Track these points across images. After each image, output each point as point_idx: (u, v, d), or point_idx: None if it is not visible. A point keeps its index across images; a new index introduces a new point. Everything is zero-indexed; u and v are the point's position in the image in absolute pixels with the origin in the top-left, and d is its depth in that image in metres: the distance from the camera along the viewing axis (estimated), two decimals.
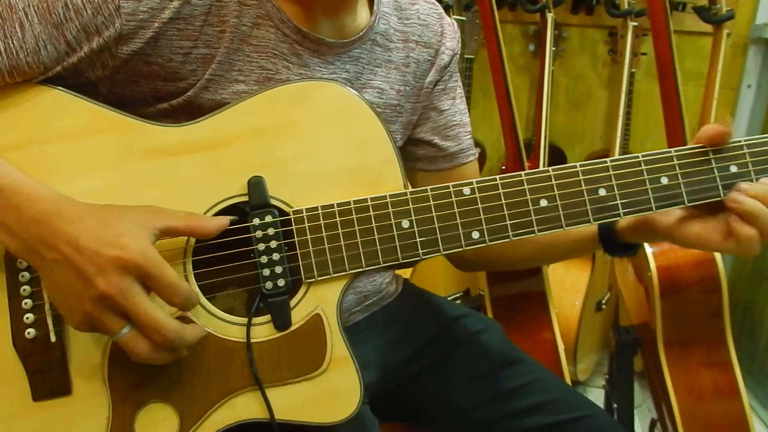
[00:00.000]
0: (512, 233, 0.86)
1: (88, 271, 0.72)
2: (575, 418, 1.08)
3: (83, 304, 0.73)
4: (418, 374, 1.16)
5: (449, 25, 1.11)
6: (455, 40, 1.11)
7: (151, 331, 0.74)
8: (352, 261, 0.86)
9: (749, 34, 2.52)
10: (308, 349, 0.86)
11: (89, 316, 0.74)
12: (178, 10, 0.84)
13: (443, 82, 1.11)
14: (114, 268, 0.72)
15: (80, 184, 0.81)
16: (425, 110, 1.11)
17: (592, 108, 2.75)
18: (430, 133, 1.12)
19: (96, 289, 0.72)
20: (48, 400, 0.83)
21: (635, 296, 2.02)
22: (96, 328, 0.75)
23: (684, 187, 0.86)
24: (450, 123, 1.13)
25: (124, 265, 0.72)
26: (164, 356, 0.77)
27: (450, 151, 1.13)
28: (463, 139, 1.15)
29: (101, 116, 0.84)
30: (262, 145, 0.86)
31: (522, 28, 2.67)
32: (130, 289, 0.73)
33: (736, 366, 1.82)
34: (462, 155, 1.14)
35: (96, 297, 0.72)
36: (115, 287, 0.72)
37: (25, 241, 0.75)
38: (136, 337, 0.75)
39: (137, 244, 0.73)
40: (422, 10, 1.08)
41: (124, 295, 0.72)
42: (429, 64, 1.08)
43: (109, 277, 0.72)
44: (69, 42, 0.81)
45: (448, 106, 1.13)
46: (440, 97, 1.12)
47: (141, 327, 0.74)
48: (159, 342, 0.75)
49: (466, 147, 1.15)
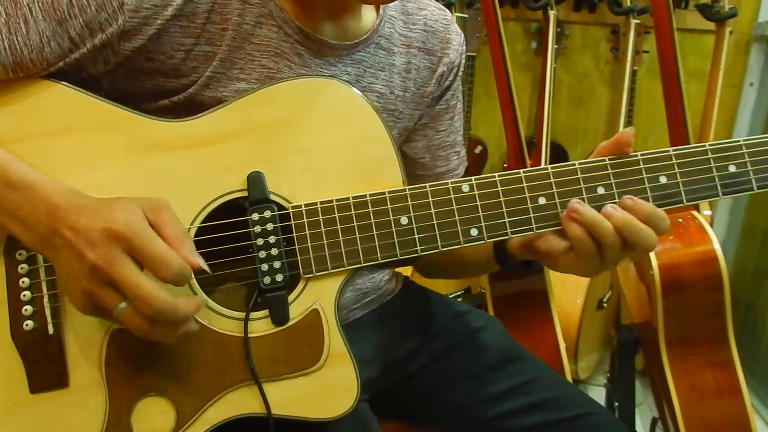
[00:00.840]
0: (510, 230, 0.86)
1: (80, 244, 0.72)
2: (577, 415, 1.08)
3: (80, 280, 0.73)
4: (417, 371, 1.16)
5: (457, 35, 1.11)
6: (458, 53, 1.11)
7: (139, 303, 0.72)
8: (351, 257, 0.86)
9: (752, 32, 2.52)
10: (306, 344, 0.86)
11: (88, 293, 0.73)
12: (181, 7, 0.84)
13: (445, 101, 1.11)
14: (102, 239, 0.71)
15: (81, 177, 0.81)
16: (423, 127, 1.11)
17: (594, 106, 2.75)
18: (423, 151, 1.13)
19: (87, 261, 0.71)
20: (45, 392, 0.83)
21: (637, 294, 2.02)
22: (98, 306, 0.74)
23: (683, 186, 0.86)
24: (443, 144, 1.14)
25: (111, 235, 0.71)
26: (164, 332, 0.76)
27: (437, 171, 1.15)
28: (452, 160, 1.16)
29: (103, 111, 0.84)
30: (261, 141, 0.86)
31: (524, 26, 2.68)
32: (117, 259, 0.71)
33: (737, 365, 1.82)
34: (446, 176, 1.15)
35: (88, 270, 0.72)
36: (103, 257, 0.71)
37: (39, 234, 0.75)
38: (133, 311, 0.73)
39: (125, 217, 0.73)
40: (430, 16, 1.07)
41: (111, 264, 0.71)
42: (429, 72, 1.07)
43: (98, 248, 0.71)
44: (72, 38, 0.82)
45: (445, 127, 1.13)
46: (441, 117, 1.12)
47: (131, 299, 0.72)
48: (149, 315, 0.73)
49: (453, 167, 1.16)
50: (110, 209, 0.74)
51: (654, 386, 1.98)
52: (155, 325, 0.74)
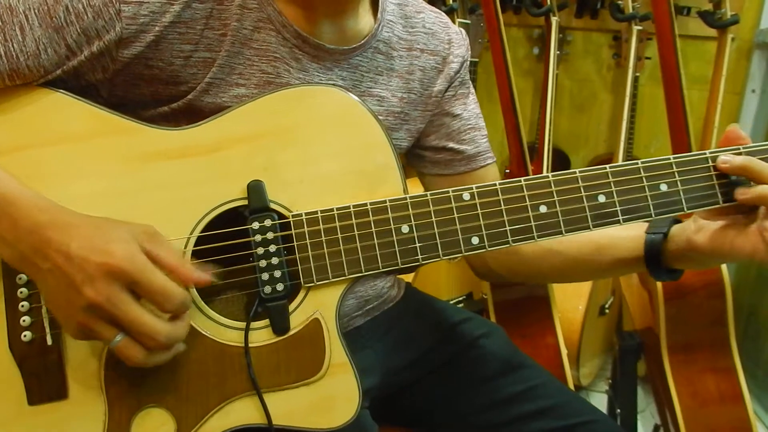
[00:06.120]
0: (512, 239, 0.86)
1: (77, 279, 0.72)
2: (578, 423, 1.08)
3: (76, 313, 0.73)
4: (419, 379, 1.16)
5: (457, 34, 1.11)
6: (464, 47, 1.11)
7: (144, 338, 0.74)
8: (351, 266, 0.86)
9: (754, 39, 2.53)
10: (307, 354, 0.86)
11: (82, 325, 0.74)
12: (179, 13, 0.84)
13: (453, 88, 1.11)
14: (101, 274, 0.71)
15: (79, 187, 0.81)
16: (438, 117, 1.10)
17: (596, 112, 2.75)
18: (444, 138, 1.11)
19: (85, 298, 0.72)
20: (44, 404, 0.82)
21: (639, 301, 2.02)
22: (91, 336, 0.75)
23: (683, 194, 0.86)
24: (464, 127, 1.12)
25: (111, 271, 0.72)
26: (160, 358, 0.77)
27: (467, 153, 1.12)
28: (480, 143, 1.13)
29: (101, 119, 0.84)
30: (262, 150, 0.86)
31: (526, 32, 2.68)
32: (118, 296, 0.72)
33: (740, 371, 1.82)
34: (479, 158, 1.13)
35: (86, 306, 0.72)
36: (103, 295, 0.71)
37: (21, 251, 0.75)
38: (130, 343, 0.74)
39: (125, 250, 0.73)
40: (428, 19, 1.08)
41: (113, 303, 0.72)
42: (436, 72, 1.07)
43: (97, 285, 0.71)
44: (69, 45, 0.81)
45: (460, 111, 1.12)
46: (452, 103, 1.11)
47: (133, 334, 0.74)
48: (153, 347, 0.74)
49: (483, 150, 1.14)
50: (104, 240, 0.73)
51: (656, 393, 1.98)
52: (152, 354, 0.75)
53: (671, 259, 0.94)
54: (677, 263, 0.95)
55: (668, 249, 0.93)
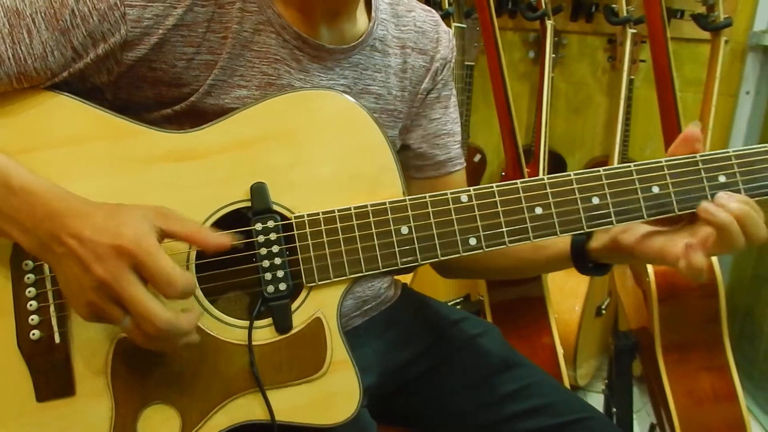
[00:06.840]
0: (508, 240, 0.88)
1: (88, 258, 0.73)
2: (573, 420, 1.09)
3: (86, 293, 0.74)
4: (416, 378, 1.17)
5: (445, 33, 1.13)
6: (449, 49, 1.12)
7: (142, 321, 0.74)
8: (353, 266, 0.87)
9: (747, 41, 2.53)
10: (309, 352, 0.87)
11: (93, 305, 0.75)
12: (182, 17, 0.85)
13: (436, 90, 1.12)
14: (110, 254, 0.73)
15: (83, 188, 0.81)
16: (417, 117, 1.12)
17: (592, 114, 2.76)
18: (419, 141, 1.13)
19: (94, 275, 0.73)
20: (52, 401, 0.84)
21: (634, 301, 2.03)
22: (102, 317, 0.76)
23: (674, 196, 0.87)
24: (440, 132, 1.14)
25: (120, 252, 0.73)
26: (164, 345, 0.78)
27: (437, 159, 1.14)
28: (452, 149, 1.15)
29: (106, 122, 0.85)
30: (264, 153, 0.87)
31: (522, 35, 2.69)
32: (124, 276, 0.73)
33: (734, 370, 1.83)
34: (449, 164, 1.15)
35: (95, 284, 0.73)
36: (111, 273, 0.73)
37: (39, 237, 0.76)
38: (135, 326, 0.75)
39: (135, 233, 0.74)
40: (418, 17, 1.09)
41: (118, 281, 0.73)
42: (424, 71, 1.09)
43: (106, 264, 0.73)
44: (75, 48, 0.82)
45: (439, 115, 1.14)
46: (432, 106, 1.13)
47: (134, 317, 0.74)
48: (153, 333, 0.75)
49: (454, 156, 1.16)
50: (117, 223, 0.75)
51: (651, 392, 1.99)
52: (156, 340, 0.76)
53: (598, 256, 1.00)
54: (604, 259, 1.01)
55: (592, 247, 1.00)
